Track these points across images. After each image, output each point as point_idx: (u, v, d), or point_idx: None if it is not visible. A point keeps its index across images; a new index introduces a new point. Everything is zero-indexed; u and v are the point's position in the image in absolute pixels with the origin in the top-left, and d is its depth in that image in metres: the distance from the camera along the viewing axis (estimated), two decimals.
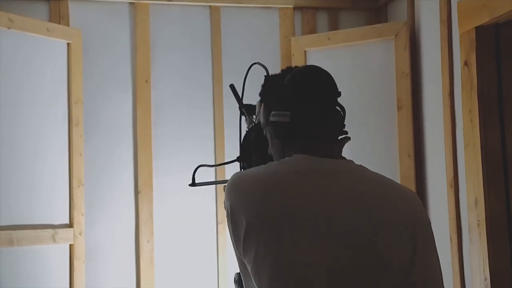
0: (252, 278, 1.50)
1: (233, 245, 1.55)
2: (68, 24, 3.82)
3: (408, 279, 1.47)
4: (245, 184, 1.55)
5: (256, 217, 1.48)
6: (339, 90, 1.65)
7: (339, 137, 1.67)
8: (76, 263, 3.62)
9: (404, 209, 1.53)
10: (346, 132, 1.69)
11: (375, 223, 1.48)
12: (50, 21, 3.78)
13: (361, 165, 1.60)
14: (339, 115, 1.64)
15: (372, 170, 1.61)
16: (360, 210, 1.49)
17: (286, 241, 1.45)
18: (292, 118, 1.58)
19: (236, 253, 1.55)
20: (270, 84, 1.72)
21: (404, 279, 1.47)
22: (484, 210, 2.84)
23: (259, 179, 1.54)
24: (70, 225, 3.65)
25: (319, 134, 1.62)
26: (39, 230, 3.49)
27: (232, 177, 1.60)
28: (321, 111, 1.61)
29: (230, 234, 1.55)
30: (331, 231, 1.46)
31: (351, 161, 1.61)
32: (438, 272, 1.54)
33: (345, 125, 1.67)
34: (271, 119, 1.62)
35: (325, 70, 1.67)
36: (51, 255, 3.56)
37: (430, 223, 1.57)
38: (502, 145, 2.90)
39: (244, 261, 1.52)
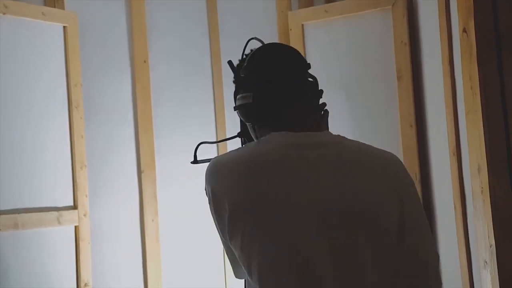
0: (241, 264, 1.47)
1: (218, 231, 1.52)
2: (63, 8, 3.79)
3: (401, 244, 1.47)
4: (225, 168, 1.51)
5: (239, 202, 1.44)
6: (307, 62, 1.63)
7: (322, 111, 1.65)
8: (81, 245, 3.63)
9: (386, 176, 1.51)
10: (324, 104, 1.66)
11: (358, 197, 1.46)
12: (45, 5, 3.76)
13: (338, 135, 1.57)
14: (311, 87, 1.62)
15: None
16: (341, 185, 1.46)
17: (270, 227, 1.42)
18: (254, 98, 1.57)
19: (221, 238, 1.52)
20: (237, 69, 1.70)
21: (396, 245, 1.46)
22: (487, 177, 2.84)
23: (239, 163, 1.50)
24: (75, 207, 3.66)
25: (289, 109, 1.58)
26: (43, 213, 3.50)
27: (211, 161, 1.56)
28: (286, 85, 1.58)
29: (213, 220, 1.51)
30: (314, 214, 1.43)
31: (328, 133, 1.58)
32: (427, 233, 1.53)
33: (321, 92, 1.64)
34: (237, 103, 1.61)
35: (285, 45, 1.66)
36: (56, 238, 3.58)
37: (413, 184, 1.56)
38: (503, 110, 2.88)
39: (231, 246, 1.49)
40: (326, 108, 1.68)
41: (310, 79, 1.63)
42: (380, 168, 1.52)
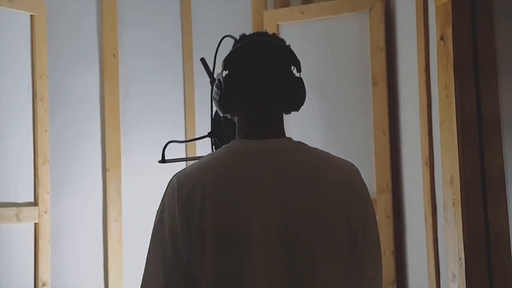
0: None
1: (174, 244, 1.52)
2: None
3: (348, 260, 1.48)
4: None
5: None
6: (290, 60, 1.64)
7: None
8: (41, 243, 3.51)
9: (334, 196, 1.49)
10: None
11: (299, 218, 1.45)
12: None
13: (296, 146, 1.56)
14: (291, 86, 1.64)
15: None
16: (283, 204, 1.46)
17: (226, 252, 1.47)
18: (220, 96, 1.56)
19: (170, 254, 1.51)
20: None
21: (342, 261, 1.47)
22: (459, 188, 2.79)
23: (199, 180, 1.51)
24: (35, 203, 3.54)
25: (251, 116, 1.57)
26: (2, 209, 3.38)
27: (171, 179, 1.57)
28: (249, 90, 1.56)
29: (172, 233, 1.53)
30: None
31: (288, 141, 1.56)
32: (374, 270, 1.55)
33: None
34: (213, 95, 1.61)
35: (269, 41, 1.63)
36: (15, 235, 3.45)
37: (367, 202, 1.53)
38: (478, 121, 2.84)
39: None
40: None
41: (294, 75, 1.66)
42: (325, 189, 1.49)
